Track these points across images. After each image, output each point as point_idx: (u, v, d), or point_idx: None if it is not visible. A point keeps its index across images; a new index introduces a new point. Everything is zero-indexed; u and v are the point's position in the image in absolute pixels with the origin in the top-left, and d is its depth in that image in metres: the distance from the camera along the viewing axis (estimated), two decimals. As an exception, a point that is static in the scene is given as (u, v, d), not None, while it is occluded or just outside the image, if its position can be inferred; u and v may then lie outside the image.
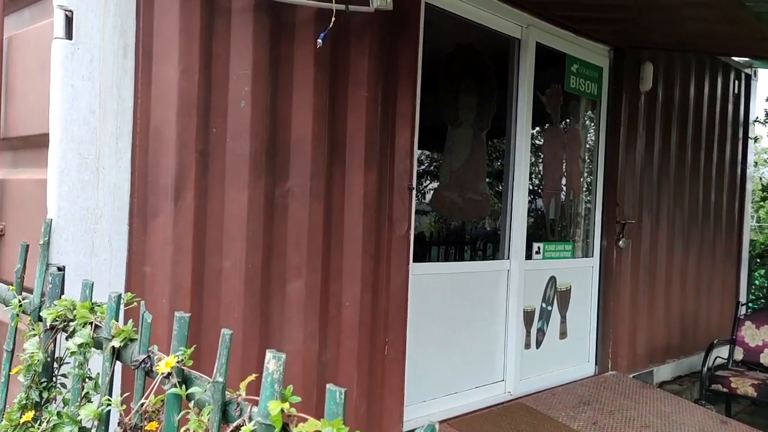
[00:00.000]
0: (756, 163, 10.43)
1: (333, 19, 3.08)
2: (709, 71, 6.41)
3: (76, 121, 2.36)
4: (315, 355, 3.22)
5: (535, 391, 4.68)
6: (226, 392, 1.41)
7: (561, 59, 4.89)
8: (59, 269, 2.32)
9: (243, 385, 1.44)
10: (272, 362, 1.29)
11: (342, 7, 3.15)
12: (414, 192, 3.74)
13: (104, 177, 2.44)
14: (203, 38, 2.72)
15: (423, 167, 7.36)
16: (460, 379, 4.27)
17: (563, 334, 5.09)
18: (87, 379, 1.90)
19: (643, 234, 5.64)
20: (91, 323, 1.92)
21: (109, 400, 1.67)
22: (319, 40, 3.07)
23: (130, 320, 1.83)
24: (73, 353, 1.90)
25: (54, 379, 2.13)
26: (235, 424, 1.39)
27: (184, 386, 1.50)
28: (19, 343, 2.40)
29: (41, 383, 2.09)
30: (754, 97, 7.29)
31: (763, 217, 11.25)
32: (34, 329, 2.22)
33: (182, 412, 1.54)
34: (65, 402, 2.02)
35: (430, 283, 4.00)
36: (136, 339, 1.79)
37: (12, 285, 2.58)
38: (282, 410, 1.25)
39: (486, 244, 6.86)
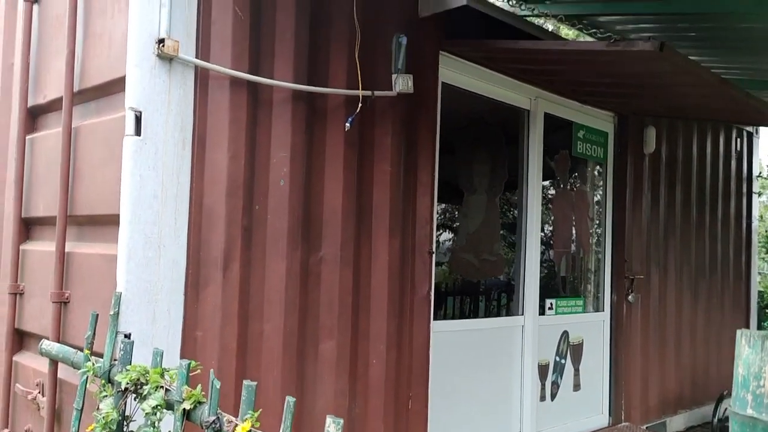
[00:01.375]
0: (761, 216, 10.66)
1: (360, 104, 3.47)
2: (711, 131, 6.74)
3: (142, 205, 2.70)
4: (345, 411, 3.49)
5: (550, 443, 4.89)
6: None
7: (568, 126, 5.24)
8: (126, 336, 2.63)
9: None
10: (332, 426, 1.59)
11: (368, 93, 3.53)
12: (434, 255, 4.05)
13: (164, 253, 2.77)
14: (248, 128, 3.09)
15: (439, 218, 7.65)
16: (479, 430, 4.49)
17: (577, 387, 5.30)
18: (158, 437, 2.20)
19: (652, 288, 5.89)
20: (162, 387, 2.22)
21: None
22: (347, 124, 3.45)
23: (199, 385, 2.13)
24: (147, 414, 2.20)
25: (123, 435, 2.42)
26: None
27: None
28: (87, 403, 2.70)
29: (113, 440, 2.38)
30: (757, 153, 7.61)
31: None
32: (105, 391, 2.53)
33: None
34: (135, 456, 2.31)
35: (450, 340, 4.27)
36: (205, 402, 2.09)
37: (77, 348, 2.91)
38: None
39: (500, 294, 7.13)
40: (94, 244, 3.04)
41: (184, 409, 2.10)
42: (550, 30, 4.99)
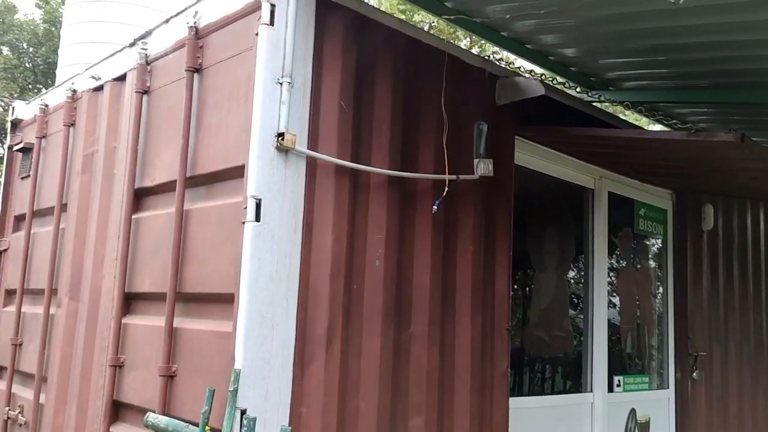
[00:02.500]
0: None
1: (446, 188, 3.66)
2: (763, 205, 6.81)
3: (259, 286, 2.88)
4: (432, 487, 3.53)
5: None
6: None
7: (629, 204, 5.39)
8: (242, 412, 2.76)
9: None
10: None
11: (453, 177, 3.73)
12: (510, 332, 4.15)
13: (277, 332, 2.93)
14: (349, 211, 3.28)
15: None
16: None
17: (645, 466, 5.25)
18: None
19: (714, 365, 5.86)
20: (292, 463, 2.33)
21: None
22: (435, 207, 3.64)
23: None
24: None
25: None
26: None
27: None
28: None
29: None
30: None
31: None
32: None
33: None
34: None
35: (525, 416, 4.30)
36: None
37: (187, 422, 3.04)
38: None
39: (568, 371, 7.00)
40: (203, 321, 3.21)
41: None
42: (612, 113, 5.21)
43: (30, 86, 17.78)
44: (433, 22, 12.83)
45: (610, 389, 4.99)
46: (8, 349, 4.90)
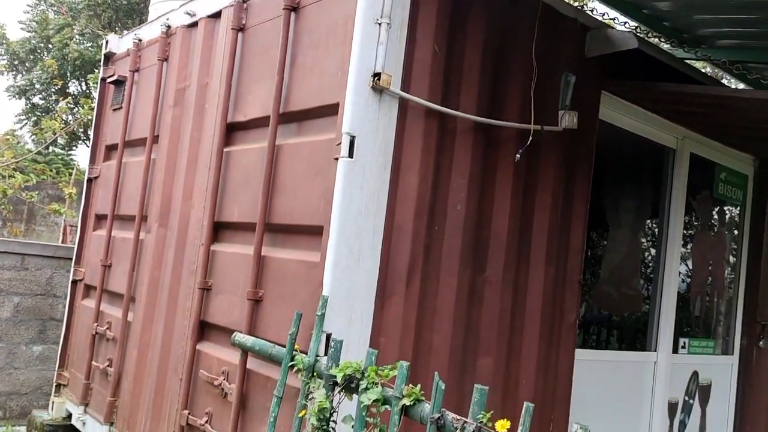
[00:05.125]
0: None
1: (530, 138, 3.69)
2: None
3: (349, 220, 3.01)
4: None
5: (676, 481, 4.90)
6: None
7: (711, 167, 5.28)
8: (328, 336, 2.93)
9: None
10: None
11: (538, 127, 3.75)
12: (581, 285, 4.20)
13: (362, 264, 3.07)
14: (435, 154, 3.36)
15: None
16: (608, 460, 4.57)
17: (703, 429, 5.28)
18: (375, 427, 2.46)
19: (783, 336, 5.78)
20: (379, 383, 2.49)
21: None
22: (518, 155, 3.68)
23: (419, 384, 2.39)
24: (365, 406, 2.47)
25: (329, 423, 2.69)
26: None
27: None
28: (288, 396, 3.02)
29: (322, 427, 2.66)
30: None
31: None
32: (313, 383, 2.83)
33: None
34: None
35: (589, 368, 4.38)
36: (423, 400, 2.34)
37: (273, 342, 3.24)
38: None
39: (622, 333, 7.01)
40: (291, 251, 3.38)
41: (404, 404, 2.35)
42: (700, 71, 5.07)
43: (111, 24, 18.24)
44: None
45: (675, 350, 5.00)
46: (98, 270, 5.24)
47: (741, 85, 6.00)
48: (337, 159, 3.04)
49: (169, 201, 4.50)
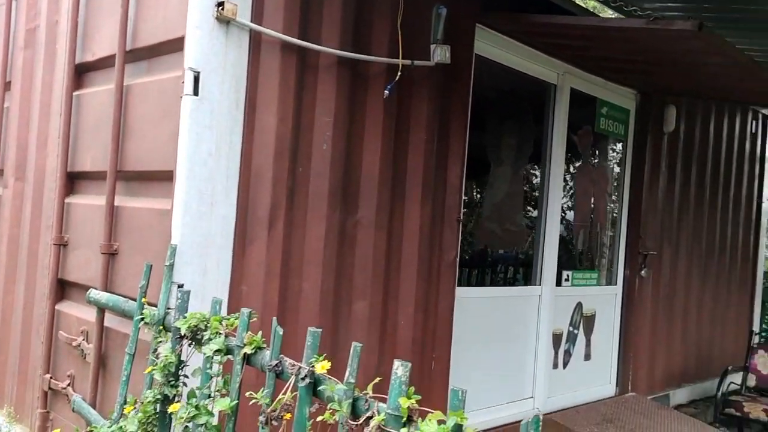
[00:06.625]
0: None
1: (399, 73, 3.56)
2: (728, 112, 6.81)
3: (198, 162, 2.82)
4: (374, 368, 3.63)
5: (561, 408, 5.07)
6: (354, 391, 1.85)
7: (592, 102, 5.33)
8: (179, 286, 2.76)
9: (370, 387, 1.89)
10: (400, 368, 1.74)
11: (408, 62, 3.61)
12: (461, 223, 4.17)
13: (216, 209, 2.89)
14: (296, 91, 3.18)
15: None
16: (493, 394, 4.66)
17: (587, 357, 5.47)
18: (217, 379, 2.34)
19: (663, 265, 6.02)
20: (222, 333, 2.36)
21: (252, 395, 2.09)
22: (386, 91, 3.54)
23: (260, 331, 2.27)
24: (208, 358, 2.34)
25: (179, 378, 2.55)
26: (366, 415, 1.82)
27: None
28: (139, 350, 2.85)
29: (169, 382, 2.52)
30: (771, 136, 7.69)
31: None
32: (161, 336, 2.67)
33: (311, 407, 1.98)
34: (190, 396, 2.44)
35: (471, 306, 4.41)
36: (265, 347, 2.22)
37: (125, 297, 3.05)
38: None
39: (507, 269, 7.25)
40: (144, 199, 3.16)
41: (245, 353, 2.24)
42: (577, 3, 5.04)
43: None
44: None
45: (558, 283, 5.11)
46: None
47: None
48: (182, 97, 2.81)
49: (24, 152, 4.15)
